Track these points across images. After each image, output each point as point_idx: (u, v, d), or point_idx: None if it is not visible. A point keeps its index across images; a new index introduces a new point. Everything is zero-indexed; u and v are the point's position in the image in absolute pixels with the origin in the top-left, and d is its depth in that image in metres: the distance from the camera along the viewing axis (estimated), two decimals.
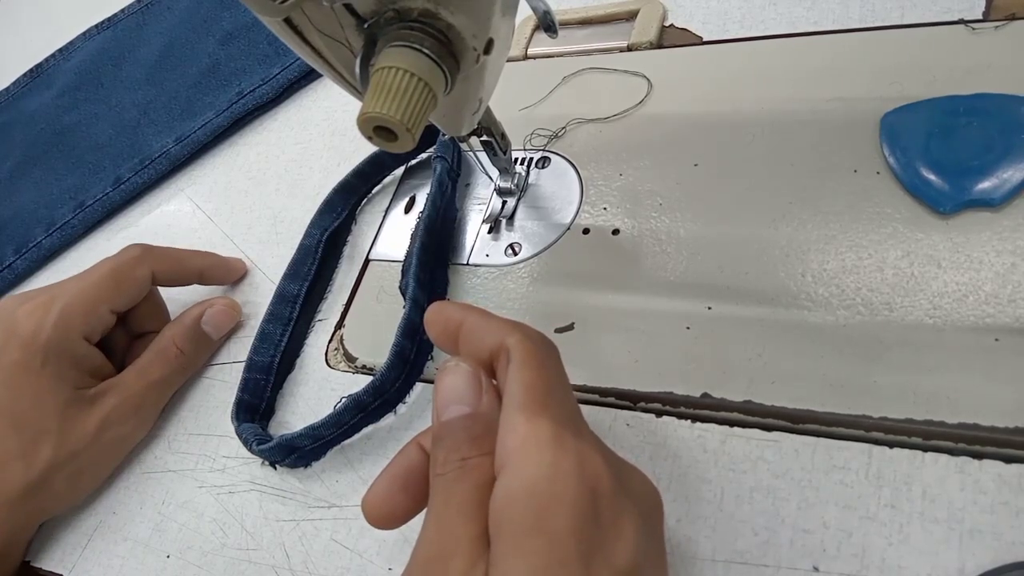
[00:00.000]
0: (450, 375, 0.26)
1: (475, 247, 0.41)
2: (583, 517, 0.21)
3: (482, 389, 0.25)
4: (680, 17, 0.45)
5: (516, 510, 0.21)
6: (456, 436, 0.24)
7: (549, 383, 0.25)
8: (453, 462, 0.24)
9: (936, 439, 0.27)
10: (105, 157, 0.60)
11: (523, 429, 0.23)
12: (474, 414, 0.25)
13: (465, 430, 0.25)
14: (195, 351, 0.42)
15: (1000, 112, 0.32)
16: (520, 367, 0.24)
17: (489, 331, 0.26)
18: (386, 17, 0.25)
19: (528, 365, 0.25)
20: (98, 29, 0.73)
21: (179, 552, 0.37)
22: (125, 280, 0.41)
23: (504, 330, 0.26)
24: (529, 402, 0.23)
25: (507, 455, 0.23)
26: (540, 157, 0.42)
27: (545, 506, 0.21)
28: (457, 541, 0.22)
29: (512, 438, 0.23)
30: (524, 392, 0.24)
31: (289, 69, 0.56)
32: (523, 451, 0.22)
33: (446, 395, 0.25)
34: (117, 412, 0.39)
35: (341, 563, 0.33)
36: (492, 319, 0.27)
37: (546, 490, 0.22)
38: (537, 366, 0.25)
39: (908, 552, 0.26)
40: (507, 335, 0.26)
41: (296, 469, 0.37)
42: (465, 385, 0.25)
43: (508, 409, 0.24)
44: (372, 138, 0.25)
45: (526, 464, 0.22)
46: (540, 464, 0.22)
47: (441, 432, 0.25)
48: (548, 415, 0.23)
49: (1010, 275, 0.29)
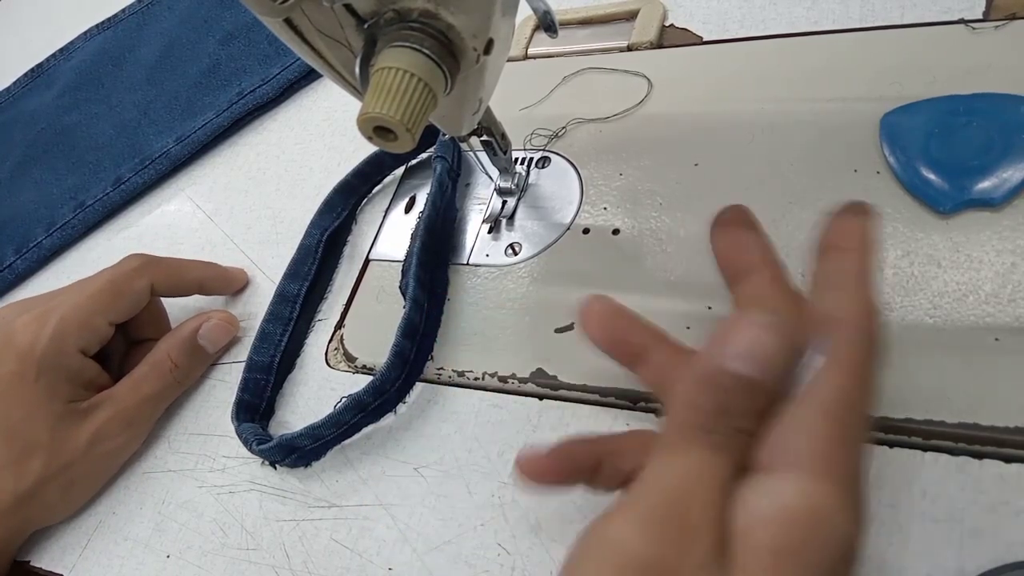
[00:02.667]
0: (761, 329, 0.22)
1: (475, 247, 0.41)
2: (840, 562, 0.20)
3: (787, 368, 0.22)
4: (680, 17, 0.45)
5: (787, 531, 0.20)
6: (739, 399, 0.22)
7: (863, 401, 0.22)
8: (725, 427, 0.21)
9: (936, 439, 0.27)
10: (105, 157, 0.60)
11: (824, 444, 0.20)
12: (766, 385, 0.22)
13: (750, 398, 0.22)
14: (190, 365, 0.42)
15: (1000, 112, 0.32)
16: (843, 368, 0.22)
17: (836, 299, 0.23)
18: (386, 17, 0.25)
19: (852, 369, 0.22)
20: (98, 29, 0.73)
21: (179, 552, 0.37)
22: (124, 292, 0.41)
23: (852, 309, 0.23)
24: (841, 415, 0.21)
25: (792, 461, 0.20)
26: (540, 157, 0.42)
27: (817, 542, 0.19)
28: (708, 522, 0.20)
29: (805, 446, 0.20)
30: (838, 400, 0.21)
31: (289, 69, 0.56)
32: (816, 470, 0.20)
33: (746, 347, 0.22)
34: (109, 426, 0.39)
35: (341, 563, 0.33)
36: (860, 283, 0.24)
37: (826, 527, 0.20)
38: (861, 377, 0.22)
39: (908, 552, 0.26)
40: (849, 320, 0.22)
41: (296, 469, 0.37)
42: (776, 352, 0.22)
43: (811, 407, 0.21)
44: (372, 138, 0.25)
45: (817, 488, 0.20)
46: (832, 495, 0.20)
47: (723, 383, 0.22)
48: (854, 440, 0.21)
49: (1010, 275, 0.29)
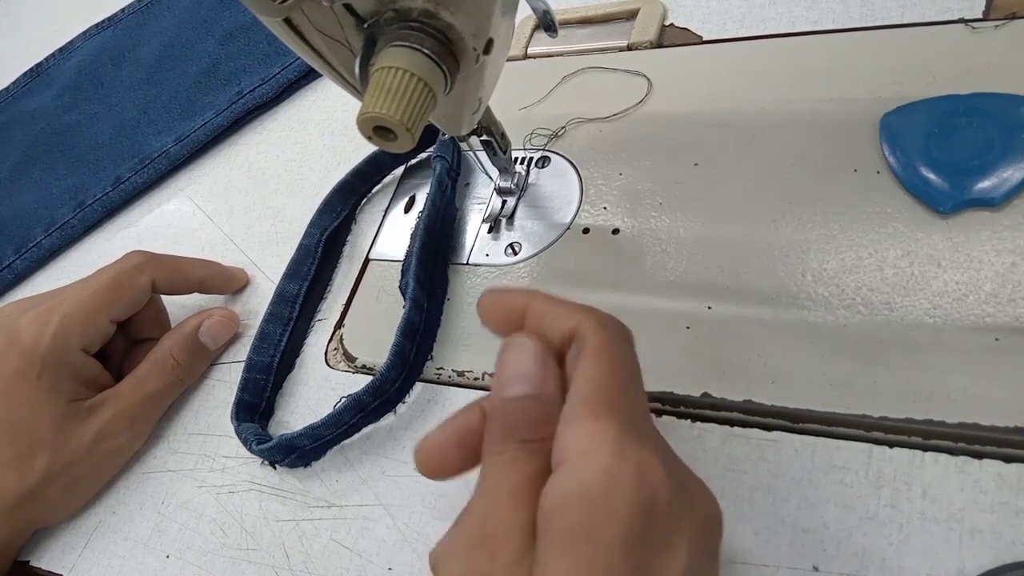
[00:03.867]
0: (518, 351, 0.24)
1: (475, 247, 0.41)
2: (635, 531, 0.20)
3: (549, 371, 0.24)
4: (680, 17, 0.45)
5: (567, 514, 0.21)
6: (516, 417, 0.23)
7: (620, 380, 0.23)
8: (512, 443, 0.23)
9: (936, 439, 0.27)
10: (105, 157, 0.60)
11: (585, 427, 0.22)
12: (538, 396, 0.23)
13: (527, 412, 0.23)
14: (192, 362, 0.42)
15: (1000, 112, 0.32)
16: (591, 358, 0.23)
17: (560, 316, 0.25)
18: (386, 17, 0.25)
19: (600, 358, 0.23)
20: (98, 28, 0.73)
21: (179, 552, 0.37)
22: (125, 289, 0.41)
23: (577, 315, 0.24)
24: (595, 399, 0.22)
25: (565, 453, 0.22)
26: (540, 157, 0.42)
27: (597, 515, 0.20)
28: (507, 528, 0.21)
29: (572, 435, 0.22)
30: (592, 387, 0.23)
31: (289, 69, 0.56)
32: (582, 452, 0.21)
33: (511, 370, 0.24)
34: (113, 424, 0.39)
35: (341, 563, 0.33)
36: (561, 303, 0.25)
37: (600, 498, 0.21)
38: (610, 360, 0.23)
39: (908, 552, 0.26)
40: (580, 321, 0.24)
41: (296, 469, 0.37)
42: (532, 364, 0.24)
43: (573, 402, 0.23)
44: (372, 138, 0.25)
45: (583, 467, 0.21)
46: (597, 470, 0.21)
47: (502, 409, 0.24)
48: (613, 416, 0.22)
49: (1010, 274, 0.29)
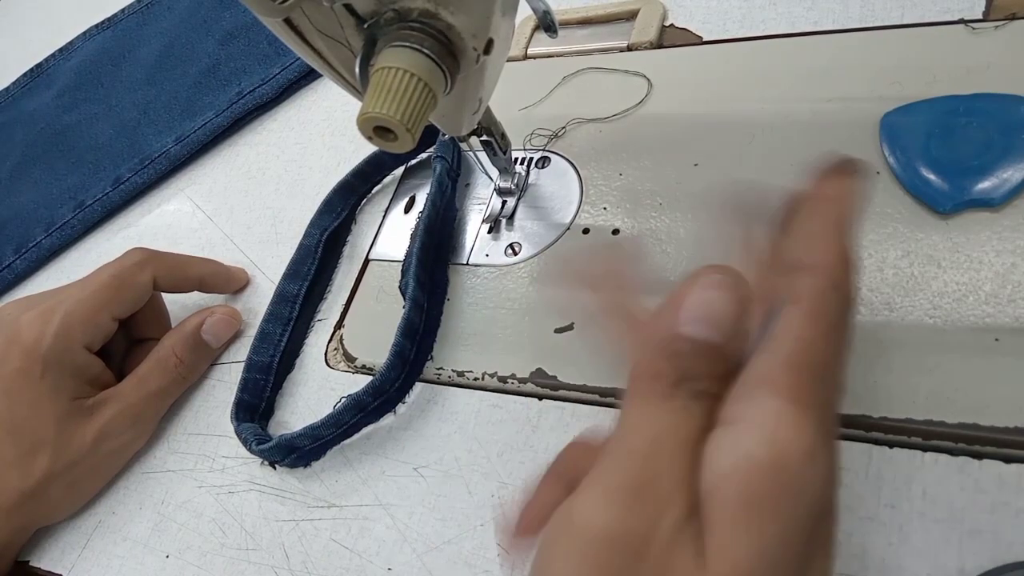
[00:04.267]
0: (717, 289, 0.21)
1: (475, 247, 0.41)
2: (817, 515, 0.19)
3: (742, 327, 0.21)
4: (680, 17, 0.45)
5: (756, 482, 0.18)
6: (696, 362, 0.21)
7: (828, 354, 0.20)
8: (686, 390, 0.20)
9: (936, 439, 0.27)
10: (105, 157, 0.60)
11: (790, 392, 0.19)
12: (725, 347, 0.21)
13: (709, 361, 0.21)
14: (195, 361, 0.42)
15: (1000, 112, 0.32)
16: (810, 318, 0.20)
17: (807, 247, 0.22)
18: (386, 17, 0.25)
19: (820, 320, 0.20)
20: (98, 29, 0.73)
21: (178, 552, 0.37)
22: (126, 286, 0.41)
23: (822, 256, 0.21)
24: (806, 365, 0.20)
25: (753, 414, 0.19)
26: (540, 157, 0.42)
27: (791, 492, 0.18)
28: (676, 484, 0.19)
29: (767, 398, 0.19)
30: (804, 351, 0.20)
31: (289, 69, 0.56)
32: (783, 418, 0.19)
33: (704, 310, 0.21)
34: (115, 423, 0.39)
35: (341, 563, 0.33)
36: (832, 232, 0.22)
37: (797, 475, 0.18)
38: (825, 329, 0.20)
39: (908, 552, 0.26)
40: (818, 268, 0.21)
41: (296, 469, 0.37)
42: (730, 312, 0.21)
43: (776, 358, 0.20)
44: (372, 138, 0.25)
45: (784, 435, 0.19)
46: (799, 441, 0.19)
47: (678, 346, 0.21)
48: (816, 392, 0.20)
49: (1010, 275, 0.29)
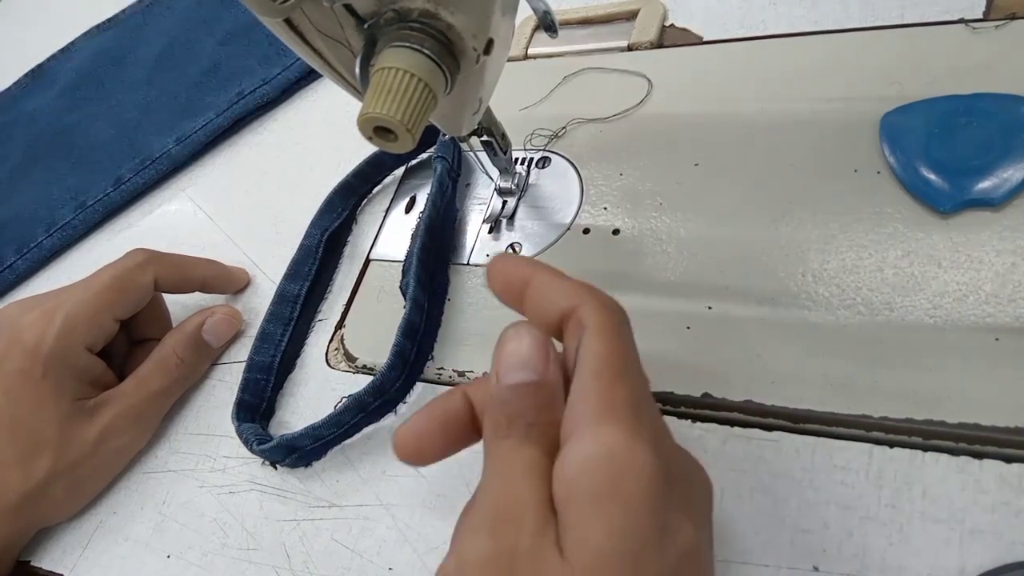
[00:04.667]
0: (515, 340, 0.25)
1: (475, 247, 0.41)
2: (658, 490, 0.21)
3: (549, 357, 0.25)
4: (680, 17, 0.45)
5: (593, 476, 0.21)
6: (520, 403, 0.24)
7: (625, 355, 0.24)
8: (519, 427, 0.24)
9: (936, 439, 0.27)
10: (105, 157, 0.60)
11: (600, 397, 0.23)
12: (540, 382, 0.24)
13: (530, 397, 0.24)
14: (196, 361, 0.42)
15: (1000, 112, 0.32)
16: (597, 335, 0.24)
17: (561, 293, 0.25)
18: (386, 17, 0.25)
19: (605, 334, 0.24)
20: (98, 29, 0.73)
21: (179, 552, 0.37)
22: (128, 287, 0.41)
23: (579, 295, 0.25)
24: (606, 372, 0.23)
25: (582, 422, 0.22)
26: (540, 157, 0.42)
27: (623, 474, 0.21)
28: (525, 503, 0.22)
29: (587, 406, 0.23)
30: (600, 361, 0.23)
31: (289, 69, 0.56)
32: (600, 418, 0.22)
33: (511, 360, 0.24)
34: (117, 423, 0.39)
35: (341, 563, 0.33)
36: (564, 280, 0.26)
37: (625, 459, 0.21)
38: (614, 336, 0.24)
39: (908, 552, 0.26)
40: (583, 301, 0.25)
41: (296, 469, 0.37)
42: (532, 351, 0.24)
43: (583, 376, 0.23)
44: (372, 138, 0.25)
45: (604, 432, 0.22)
46: (619, 432, 0.22)
47: (504, 396, 0.24)
48: (625, 386, 0.23)
49: (1010, 275, 0.29)
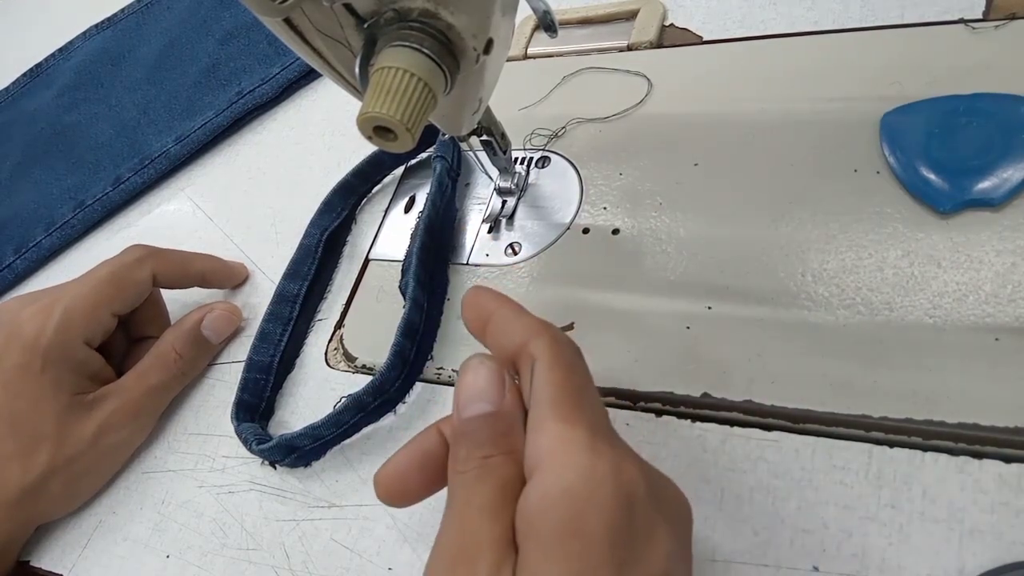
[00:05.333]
0: (472, 372, 0.25)
1: (475, 247, 0.41)
2: (619, 523, 0.21)
3: (505, 387, 0.25)
4: (680, 17, 0.45)
5: (551, 512, 0.21)
6: (478, 434, 0.24)
7: (579, 384, 0.24)
8: (475, 460, 0.24)
9: (936, 439, 0.27)
10: (105, 157, 0.60)
11: (556, 430, 0.22)
12: (496, 412, 0.24)
13: (487, 428, 0.24)
14: (195, 356, 0.42)
15: (1000, 112, 0.32)
16: (549, 368, 0.24)
17: (516, 329, 0.26)
18: (386, 17, 0.25)
19: (557, 366, 0.24)
20: (98, 29, 0.73)
21: (179, 552, 0.37)
22: (126, 282, 0.41)
23: (531, 330, 0.25)
24: (561, 403, 0.23)
25: (539, 456, 0.22)
26: (540, 157, 0.42)
27: (581, 509, 0.21)
28: (481, 542, 0.22)
29: (544, 439, 0.23)
30: (555, 392, 0.23)
31: (289, 69, 0.56)
32: (557, 453, 0.22)
33: (468, 392, 0.25)
34: (115, 418, 0.39)
35: (341, 563, 0.33)
36: (521, 317, 0.26)
37: (582, 493, 0.21)
38: (566, 367, 0.24)
39: (908, 552, 0.26)
40: (534, 336, 0.25)
41: (296, 469, 0.37)
42: (488, 383, 0.25)
43: (539, 409, 0.23)
44: (372, 138, 0.25)
45: (561, 466, 0.22)
46: (576, 466, 0.22)
47: (462, 429, 0.25)
48: (582, 416, 0.23)
49: (1010, 275, 0.29)
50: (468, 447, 0.24)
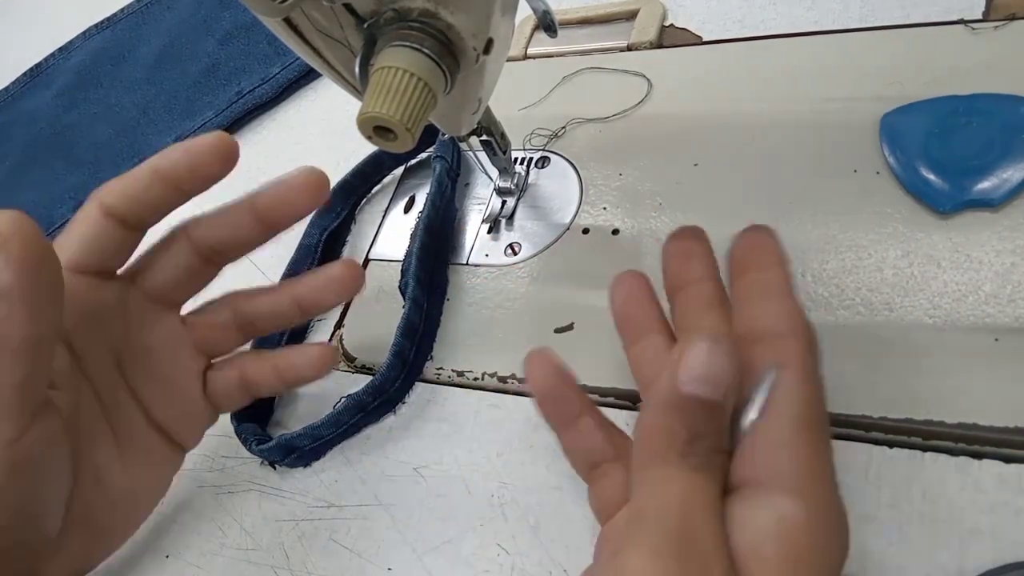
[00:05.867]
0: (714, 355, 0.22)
1: (475, 247, 0.41)
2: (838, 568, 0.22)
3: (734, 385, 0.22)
4: (680, 17, 0.45)
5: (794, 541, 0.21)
6: (708, 421, 0.22)
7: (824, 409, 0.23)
8: (702, 447, 0.22)
9: (936, 439, 0.27)
10: (105, 157, 0.60)
11: (807, 453, 0.22)
12: (724, 407, 0.22)
13: (717, 419, 0.22)
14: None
15: (1000, 112, 0.32)
16: (802, 381, 0.23)
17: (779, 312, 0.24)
18: (386, 17, 0.25)
19: (810, 381, 0.23)
20: (98, 29, 0.73)
21: (178, 552, 0.37)
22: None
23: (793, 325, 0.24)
24: (809, 424, 0.22)
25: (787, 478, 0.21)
26: (540, 157, 0.42)
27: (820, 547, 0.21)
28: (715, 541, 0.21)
29: (791, 459, 0.22)
30: (805, 411, 0.22)
31: (289, 69, 0.56)
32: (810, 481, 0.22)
33: (702, 371, 0.22)
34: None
35: (340, 563, 0.33)
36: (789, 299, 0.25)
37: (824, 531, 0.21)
38: (817, 384, 0.23)
39: (908, 552, 0.26)
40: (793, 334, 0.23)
41: (295, 469, 0.37)
42: (726, 373, 0.22)
43: (781, 422, 0.22)
44: (372, 138, 0.25)
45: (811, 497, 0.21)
46: (821, 503, 0.21)
47: (690, 407, 0.22)
48: (826, 445, 0.22)
49: (1010, 275, 0.29)
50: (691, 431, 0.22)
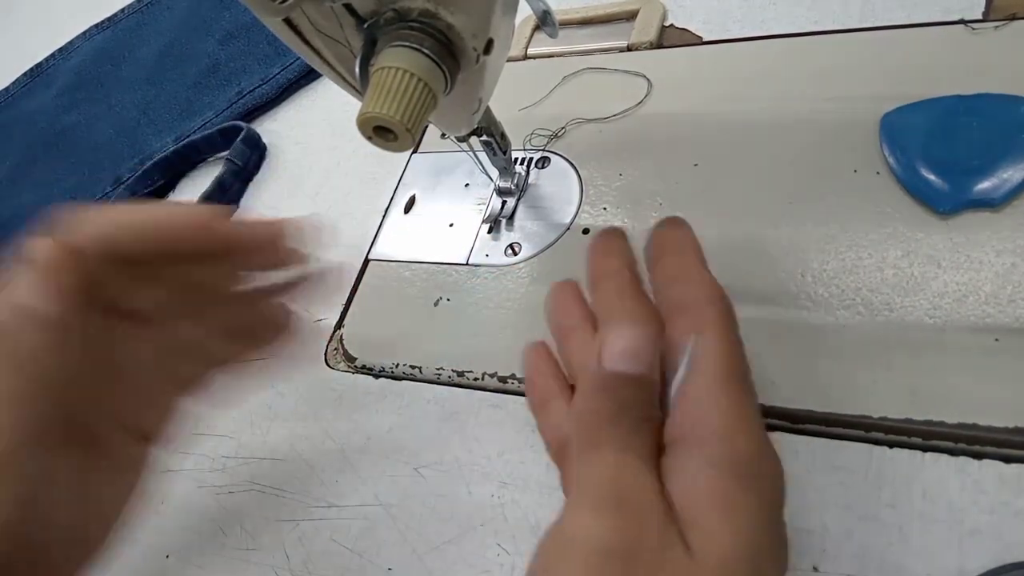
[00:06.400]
0: (633, 327, 0.24)
1: (475, 247, 0.41)
2: (775, 503, 0.23)
3: (658, 356, 0.24)
4: (680, 17, 0.45)
5: (726, 482, 0.22)
6: (629, 395, 0.23)
7: (745, 364, 0.24)
8: (629, 417, 0.23)
9: (936, 439, 0.27)
10: (105, 157, 0.60)
11: (729, 402, 0.23)
12: (650, 377, 0.24)
13: (643, 390, 0.24)
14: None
15: (1000, 112, 0.32)
16: (720, 340, 0.24)
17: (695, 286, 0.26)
18: (386, 17, 0.25)
19: (727, 336, 0.24)
20: (98, 29, 0.73)
21: (178, 552, 0.37)
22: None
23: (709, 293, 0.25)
24: (730, 378, 0.23)
25: (710, 426, 0.23)
26: (540, 157, 0.42)
27: (752, 484, 0.22)
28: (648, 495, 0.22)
29: (715, 409, 0.23)
30: (723, 364, 0.24)
31: (289, 69, 0.56)
32: (732, 426, 0.22)
33: (623, 345, 0.24)
34: None
35: (341, 563, 0.33)
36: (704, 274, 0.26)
37: (755, 469, 0.22)
38: (736, 342, 0.24)
39: (908, 552, 0.26)
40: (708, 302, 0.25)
41: (293, 469, 0.37)
42: (647, 346, 0.24)
43: (704, 379, 0.23)
44: (372, 138, 0.25)
45: (737, 440, 0.22)
46: (749, 443, 0.22)
47: (611, 382, 0.24)
48: (750, 395, 0.24)
49: (1010, 275, 0.29)
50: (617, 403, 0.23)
